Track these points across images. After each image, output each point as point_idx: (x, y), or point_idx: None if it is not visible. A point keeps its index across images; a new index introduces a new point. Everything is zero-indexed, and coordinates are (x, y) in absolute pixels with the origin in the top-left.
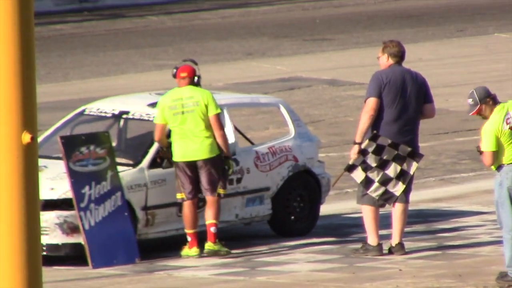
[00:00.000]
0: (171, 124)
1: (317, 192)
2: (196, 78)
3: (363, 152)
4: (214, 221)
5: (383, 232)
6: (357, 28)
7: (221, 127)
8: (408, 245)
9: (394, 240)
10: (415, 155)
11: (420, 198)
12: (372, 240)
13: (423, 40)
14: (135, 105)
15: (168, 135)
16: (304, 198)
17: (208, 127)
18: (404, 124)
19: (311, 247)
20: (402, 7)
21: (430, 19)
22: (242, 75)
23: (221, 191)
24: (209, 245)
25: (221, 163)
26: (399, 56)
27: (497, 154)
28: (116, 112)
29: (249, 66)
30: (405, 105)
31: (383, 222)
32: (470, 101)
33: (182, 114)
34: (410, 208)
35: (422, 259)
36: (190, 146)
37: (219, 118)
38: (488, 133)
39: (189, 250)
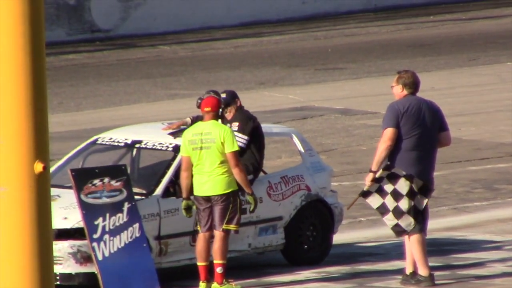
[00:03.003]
0: (192, 158)
1: (330, 222)
2: (220, 111)
3: (377, 181)
4: (220, 261)
5: (395, 262)
6: (369, 57)
7: (236, 164)
8: None
9: (408, 269)
10: (427, 190)
11: (434, 227)
12: (423, 271)
13: (435, 69)
14: (147, 135)
15: None
16: (316, 227)
17: (226, 163)
18: (421, 153)
19: (324, 276)
20: (414, 36)
21: (442, 48)
22: (255, 104)
23: (231, 227)
24: (215, 287)
25: (236, 199)
26: (414, 87)
27: None
28: (129, 142)
29: (262, 96)
30: (422, 134)
31: (399, 250)
32: None
33: (200, 149)
34: None
35: None
36: (205, 182)
37: (235, 155)
38: None
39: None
